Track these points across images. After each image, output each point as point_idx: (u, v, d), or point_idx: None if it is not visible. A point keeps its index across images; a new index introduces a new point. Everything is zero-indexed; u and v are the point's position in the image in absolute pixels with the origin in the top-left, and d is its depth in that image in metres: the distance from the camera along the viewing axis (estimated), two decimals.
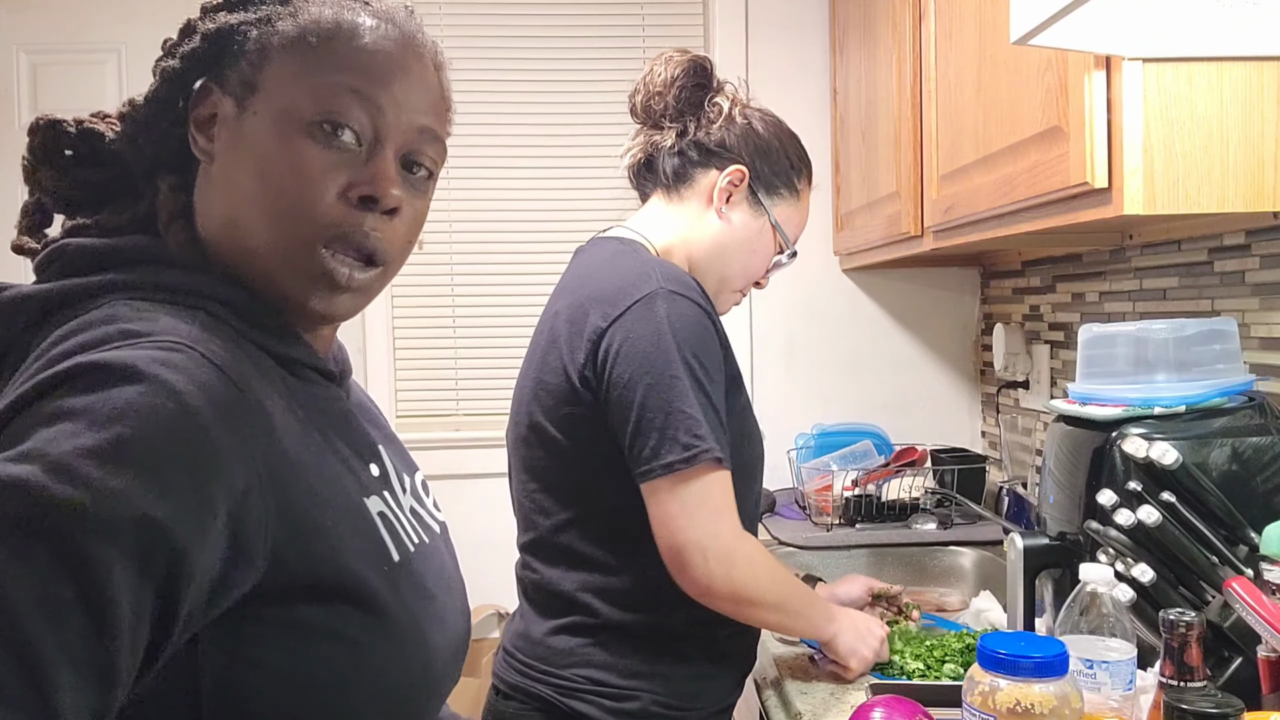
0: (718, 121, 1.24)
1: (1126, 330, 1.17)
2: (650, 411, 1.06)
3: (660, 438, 1.06)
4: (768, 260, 1.29)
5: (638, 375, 1.07)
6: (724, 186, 1.23)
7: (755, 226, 1.26)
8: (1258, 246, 1.38)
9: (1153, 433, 1.09)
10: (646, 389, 1.06)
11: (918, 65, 1.72)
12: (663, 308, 1.08)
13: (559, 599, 1.18)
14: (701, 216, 1.25)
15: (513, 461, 1.25)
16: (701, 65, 1.26)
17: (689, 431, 1.06)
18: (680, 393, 1.06)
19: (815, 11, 2.41)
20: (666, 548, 1.08)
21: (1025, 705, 0.83)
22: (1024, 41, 0.99)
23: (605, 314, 1.10)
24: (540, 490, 1.19)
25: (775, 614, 1.18)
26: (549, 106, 2.41)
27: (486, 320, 2.42)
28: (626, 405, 1.08)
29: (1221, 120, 1.04)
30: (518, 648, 1.21)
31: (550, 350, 1.16)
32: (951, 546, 1.89)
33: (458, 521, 2.69)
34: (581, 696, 1.14)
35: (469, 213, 2.41)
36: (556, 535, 1.18)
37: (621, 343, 1.08)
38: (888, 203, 1.91)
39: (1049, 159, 1.18)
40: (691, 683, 1.18)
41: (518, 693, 1.19)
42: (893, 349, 2.46)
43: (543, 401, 1.17)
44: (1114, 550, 1.06)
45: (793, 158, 1.28)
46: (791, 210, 1.29)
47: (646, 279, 1.11)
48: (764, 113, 1.30)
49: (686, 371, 1.07)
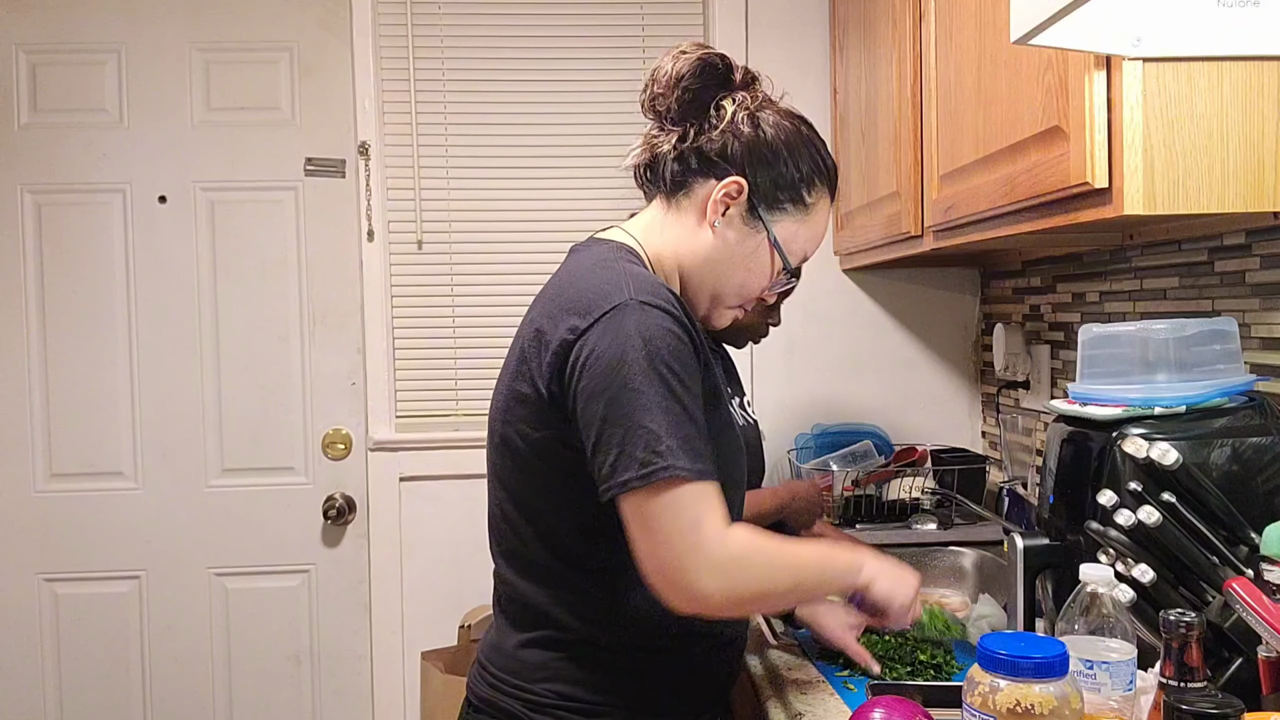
0: (719, 127, 1.16)
1: (1127, 330, 1.17)
2: (610, 426, 1.02)
3: (618, 454, 1.01)
4: (766, 278, 1.21)
5: (599, 389, 1.02)
6: (718, 199, 1.16)
7: (752, 244, 1.18)
8: (1258, 246, 1.38)
9: (1153, 433, 1.09)
10: (608, 403, 1.02)
11: (918, 65, 1.72)
12: (632, 320, 1.03)
13: (530, 612, 1.15)
14: (696, 229, 1.18)
15: (488, 471, 1.22)
16: (712, 64, 1.17)
17: (647, 448, 1.00)
18: (641, 407, 1.00)
19: (815, 11, 2.41)
20: (649, 569, 1.03)
21: (1025, 706, 0.83)
22: (1024, 41, 0.99)
23: (573, 327, 1.06)
24: (510, 501, 1.17)
25: (792, 595, 1.14)
26: (549, 106, 2.41)
27: (486, 320, 2.42)
28: (589, 420, 1.03)
29: (1221, 120, 1.04)
30: (490, 660, 1.19)
31: (521, 361, 1.13)
32: (951, 547, 1.89)
33: (458, 522, 2.71)
34: (551, 712, 1.12)
35: (469, 213, 2.41)
36: (527, 548, 1.15)
37: (587, 356, 1.04)
38: (888, 202, 1.91)
39: (1049, 159, 1.17)
40: (665, 698, 1.15)
41: (488, 706, 1.16)
42: (893, 349, 2.46)
43: (514, 413, 1.13)
44: (1114, 550, 1.06)
45: (803, 168, 1.18)
46: (797, 226, 1.19)
47: (618, 290, 1.06)
48: (783, 116, 1.20)
49: (653, 384, 1.01)
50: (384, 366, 2.41)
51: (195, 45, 2.34)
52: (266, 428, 2.43)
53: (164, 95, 2.36)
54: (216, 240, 2.40)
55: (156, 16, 2.34)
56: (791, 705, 1.23)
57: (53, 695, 2.42)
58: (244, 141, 2.39)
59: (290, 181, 2.40)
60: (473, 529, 2.40)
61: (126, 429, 2.40)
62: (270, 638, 2.45)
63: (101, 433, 2.39)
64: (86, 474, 2.39)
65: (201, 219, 2.40)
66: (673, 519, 1.00)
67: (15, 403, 2.37)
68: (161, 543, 2.41)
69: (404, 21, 2.37)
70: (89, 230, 2.37)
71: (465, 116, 2.40)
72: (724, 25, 2.39)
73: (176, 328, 2.40)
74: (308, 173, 2.40)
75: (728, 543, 1.03)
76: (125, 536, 2.41)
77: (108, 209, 2.37)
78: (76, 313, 2.38)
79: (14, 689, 2.41)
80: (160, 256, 2.39)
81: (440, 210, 2.41)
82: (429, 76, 2.39)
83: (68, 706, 2.42)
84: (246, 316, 2.41)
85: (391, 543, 2.41)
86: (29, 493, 2.39)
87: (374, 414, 2.41)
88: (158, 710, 2.44)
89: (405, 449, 2.40)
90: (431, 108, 2.39)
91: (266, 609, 2.45)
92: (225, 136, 2.38)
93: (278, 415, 2.43)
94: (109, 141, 2.36)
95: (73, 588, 2.41)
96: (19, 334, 2.37)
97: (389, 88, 2.39)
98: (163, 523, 2.41)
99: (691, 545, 1.00)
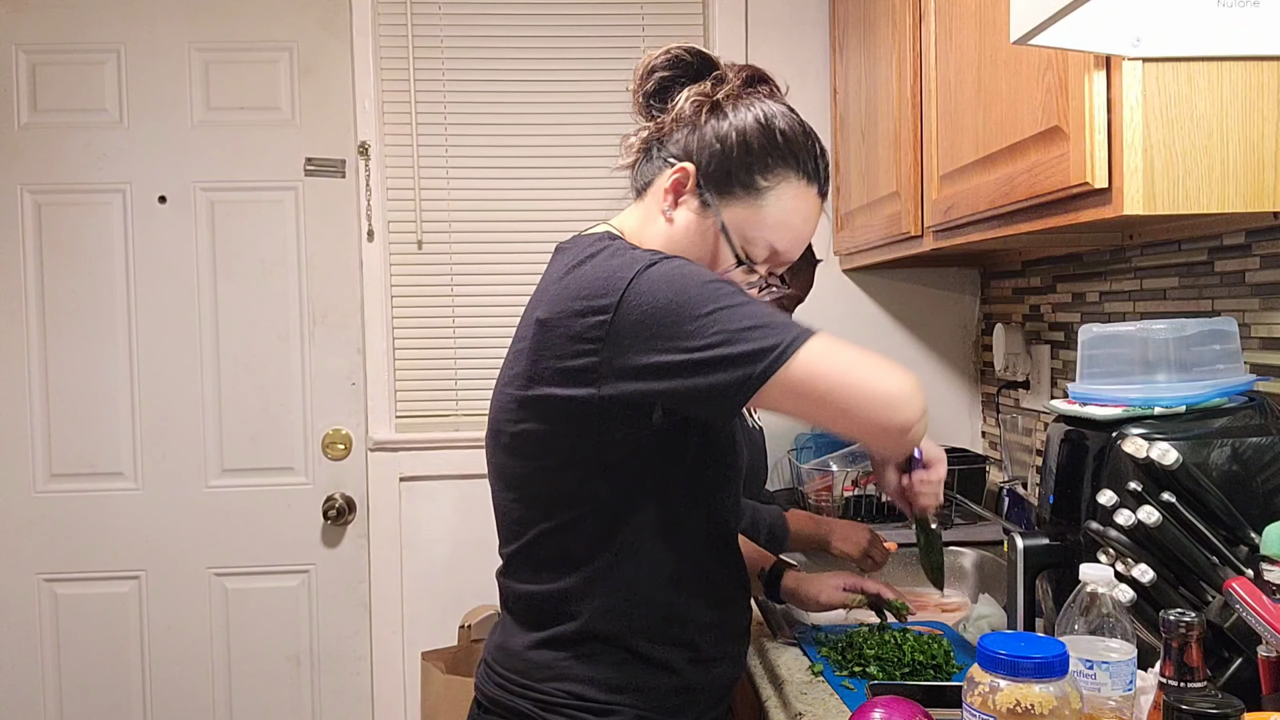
0: (672, 114, 1.16)
1: (1127, 330, 1.17)
2: (710, 349, 0.99)
3: (743, 354, 0.98)
4: (722, 266, 1.16)
5: (672, 332, 1.00)
6: (667, 188, 1.15)
7: (699, 229, 1.15)
8: (1258, 246, 1.38)
9: (1153, 433, 1.09)
10: (692, 334, 0.99)
11: (918, 65, 1.72)
12: (659, 270, 1.03)
13: (539, 611, 1.15)
14: (658, 218, 1.18)
15: (490, 470, 1.21)
16: (682, 58, 1.17)
17: (762, 335, 0.98)
18: (726, 315, 0.99)
19: (815, 11, 2.41)
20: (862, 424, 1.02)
21: (1025, 706, 0.83)
22: (1024, 41, 0.99)
23: (601, 307, 1.03)
24: (516, 500, 1.16)
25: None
26: (549, 106, 2.41)
27: (486, 320, 2.42)
28: (674, 366, 1.00)
29: (1221, 120, 1.04)
30: (497, 660, 1.18)
31: (522, 359, 1.11)
32: (951, 547, 1.88)
33: (458, 522, 2.70)
34: (562, 711, 1.11)
35: (469, 213, 2.41)
36: (535, 546, 1.15)
37: (636, 320, 1.01)
38: (888, 203, 1.91)
39: (1049, 159, 1.17)
40: (674, 696, 1.15)
41: (497, 706, 1.16)
42: (893, 349, 2.46)
43: (519, 411, 1.12)
44: (1114, 550, 1.06)
45: (756, 151, 1.13)
46: (749, 213, 1.14)
47: (630, 263, 1.05)
48: (750, 107, 1.15)
49: (716, 296, 1.00)
50: (384, 366, 2.41)
51: (195, 45, 2.34)
52: (266, 428, 2.43)
53: (164, 95, 2.36)
54: (216, 240, 2.40)
55: (156, 16, 2.34)
56: (791, 705, 1.23)
57: (53, 695, 2.42)
58: (244, 141, 2.39)
59: (290, 181, 2.40)
60: (473, 529, 2.40)
61: (126, 429, 2.40)
62: (270, 638, 2.45)
63: (101, 433, 2.39)
64: (86, 474, 2.39)
65: (201, 219, 2.40)
66: (828, 370, 0.99)
67: (15, 403, 2.38)
68: (161, 543, 2.41)
69: (404, 21, 2.37)
70: (89, 230, 2.37)
71: (465, 116, 2.40)
72: (724, 25, 2.39)
73: (176, 328, 2.40)
74: (308, 173, 2.40)
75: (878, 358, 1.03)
76: (125, 536, 2.41)
77: (108, 209, 2.37)
78: (76, 313, 2.38)
79: (14, 689, 2.41)
80: (160, 256, 2.39)
81: (440, 210, 2.41)
82: (429, 76, 2.39)
83: (67, 706, 2.42)
84: (246, 316, 2.41)
85: (391, 543, 2.41)
86: (29, 493, 2.39)
87: (374, 414, 2.41)
88: (158, 710, 2.44)
89: (405, 449, 2.40)
90: (431, 108, 2.39)
91: (266, 609, 2.45)
92: (225, 136, 2.38)
93: (278, 415, 2.43)
94: (109, 141, 2.36)
95: (72, 588, 2.41)
96: (19, 334, 2.37)
97: (389, 88, 2.39)
98: (162, 523, 2.41)
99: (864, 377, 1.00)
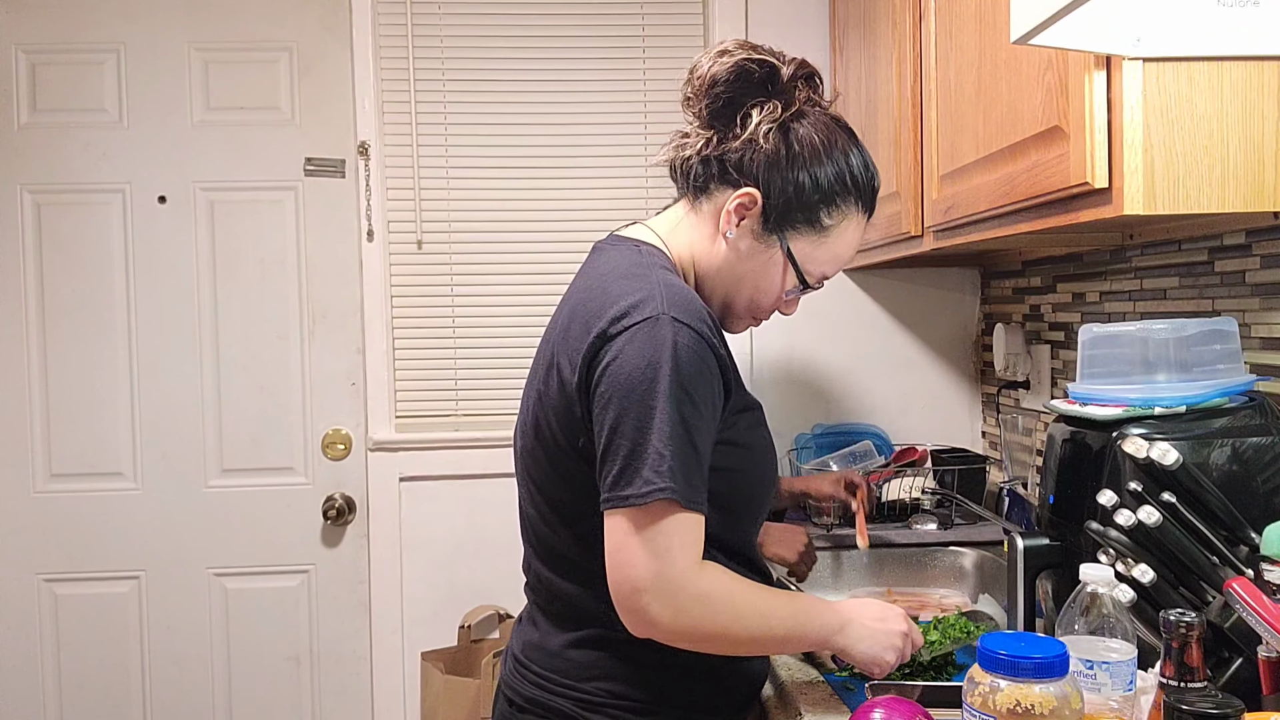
0: (742, 137, 1.14)
1: (1127, 330, 1.17)
2: (621, 437, 1.02)
3: (623, 467, 1.02)
4: (775, 294, 1.20)
5: (617, 397, 1.03)
6: (731, 210, 1.15)
7: (764, 258, 1.17)
8: (1258, 246, 1.38)
9: (1153, 433, 1.09)
10: (621, 413, 1.02)
11: (918, 65, 1.72)
12: (662, 335, 1.03)
13: (578, 611, 1.15)
14: (712, 236, 1.18)
15: (519, 471, 1.22)
16: (749, 71, 1.14)
17: (653, 468, 1.00)
18: (655, 427, 1.00)
19: (815, 11, 2.41)
20: (611, 582, 1.04)
21: (1025, 706, 0.83)
22: (1024, 41, 0.99)
23: (603, 331, 1.05)
24: (548, 503, 1.16)
25: (759, 644, 1.12)
26: (549, 107, 2.41)
27: (486, 321, 2.42)
28: (601, 425, 1.04)
29: (1221, 120, 1.04)
30: (532, 659, 1.18)
31: (552, 361, 1.13)
32: (952, 547, 1.89)
33: (457, 522, 2.70)
34: (604, 710, 1.12)
35: (469, 213, 2.41)
36: (571, 549, 1.15)
37: (611, 360, 1.04)
38: (887, 202, 1.90)
39: (1049, 159, 1.17)
40: (713, 694, 1.16)
41: (535, 705, 1.16)
42: (893, 349, 2.46)
43: (546, 416, 1.13)
44: (1114, 550, 1.06)
45: (824, 187, 1.15)
46: (812, 247, 1.17)
47: (651, 300, 1.05)
48: (817, 128, 1.16)
49: (669, 404, 1.01)
50: (384, 366, 2.41)
51: (194, 45, 2.34)
52: (266, 428, 2.43)
53: (163, 95, 2.36)
54: (216, 240, 2.40)
55: (155, 16, 2.33)
56: (792, 705, 1.23)
57: (53, 695, 2.42)
58: (244, 141, 2.39)
59: (290, 181, 2.40)
60: (473, 529, 2.40)
61: (126, 429, 2.40)
62: (270, 638, 2.45)
63: (101, 433, 2.39)
64: (86, 474, 2.39)
65: (201, 219, 2.39)
66: (648, 540, 1.02)
67: (15, 403, 2.37)
68: (161, 543, 2.41)
69: (404, 21, 2.37)
70: (89, 230, 2.37)
71: (465, 116, 2.40)
72: (724, 25, 2.39)
73: (176, 328, 2.40)
74: (307, 173, 2.40)
75: (693, 578, 1.04)
76: (125, 537, 2.41)
77: (107, 209, 2.37)
78: (76, 313, 2.38)
79: (14, 689, 2.41)
80: (160, 256, 2.39)
81: (440, 210, 2.41)
82: (429, 76, 2.39)
83: (67, 706, 2.42)
84: (246, 316, 2.41)
85: (391, 543, 2.41)
86: (29, 493, 2.39)
87: (374, 414, 2.40)
88: (157, 710, 2.44)
89: (405, 449, 2.39)
90: (431, 108, 2.39)
91: (266, 609, 2.44)
92: (225, 136, 2.38)
93: (277, 415, 2.43)
94: (109, 141, 2.36)
95: (72, 588, 2.41)
96: (19, 334, 2.37)
97: (389, 88, 2.38)
98: (162, 523, 2.41)
99: (655, 571, 1.02)
